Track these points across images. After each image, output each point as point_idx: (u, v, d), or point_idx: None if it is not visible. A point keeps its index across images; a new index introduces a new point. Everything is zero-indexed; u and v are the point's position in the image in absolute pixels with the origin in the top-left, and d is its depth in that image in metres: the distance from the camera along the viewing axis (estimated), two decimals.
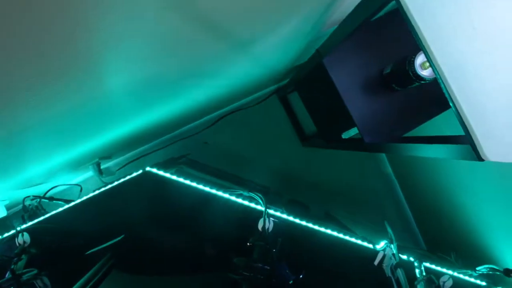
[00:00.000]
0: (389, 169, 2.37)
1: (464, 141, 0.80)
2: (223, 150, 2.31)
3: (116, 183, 1.45)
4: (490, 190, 1.63)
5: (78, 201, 1.45)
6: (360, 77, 1.32)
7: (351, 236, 1.48)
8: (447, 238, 2.06)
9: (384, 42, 1.33)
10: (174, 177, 1.43)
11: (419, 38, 0.73)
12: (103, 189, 1.45)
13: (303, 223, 1.44)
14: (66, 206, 1.45)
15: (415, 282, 1.19)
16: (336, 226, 1.55)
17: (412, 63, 1.14)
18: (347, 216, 2.25)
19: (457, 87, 0.72)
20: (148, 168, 1.43)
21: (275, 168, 2.39)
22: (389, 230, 1.45)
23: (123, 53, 0.69)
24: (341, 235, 1.47)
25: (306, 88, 1.76)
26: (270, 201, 1.58)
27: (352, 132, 1.64)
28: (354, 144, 1.48)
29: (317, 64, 1.35)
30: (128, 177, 1.45)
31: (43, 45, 0.54)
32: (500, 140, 0.71)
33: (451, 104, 0.75)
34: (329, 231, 1.46)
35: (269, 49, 1.23)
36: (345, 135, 1.66)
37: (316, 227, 1.45)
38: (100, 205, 1.45)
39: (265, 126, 2.34)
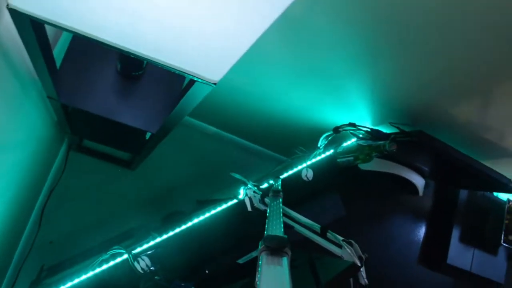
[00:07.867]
0: (211, 128, 2.44)
1: (193, 81, 0.84)
2: (71, 234, 2.13)
3: None
4: (277, 84, 1.78)
5: None
6: (104, 88, 1.28)
7: (215, 208, 1.50)
8: (292, 140, 2.22)
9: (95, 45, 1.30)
10: None
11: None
12: None
13: (171, 233, 1.42)
14: None
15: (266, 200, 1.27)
16: (205, 209, 1.56)
17: None
18: (215, 190, 2.28)
19: (91, 30, 0.72)
20: None
21: (127, 206, 2.30)
22: (238, 177, 1.52)
23: None
24: (207, 214, 1.49)
25: (83, 129, 1.67)
26: (137, 239, 1.52)
27: None
28: (154, 138, 1.47)
29: (63, 107, 1.28)
30: None
31: None
32: (206, 61, 0.75)
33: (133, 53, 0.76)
34: (196, 220, 1.46)
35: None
36: (148, 136, 1.65)
37: (184, 227, 1.44)
38: None
39: (87, 183, 2.20)
